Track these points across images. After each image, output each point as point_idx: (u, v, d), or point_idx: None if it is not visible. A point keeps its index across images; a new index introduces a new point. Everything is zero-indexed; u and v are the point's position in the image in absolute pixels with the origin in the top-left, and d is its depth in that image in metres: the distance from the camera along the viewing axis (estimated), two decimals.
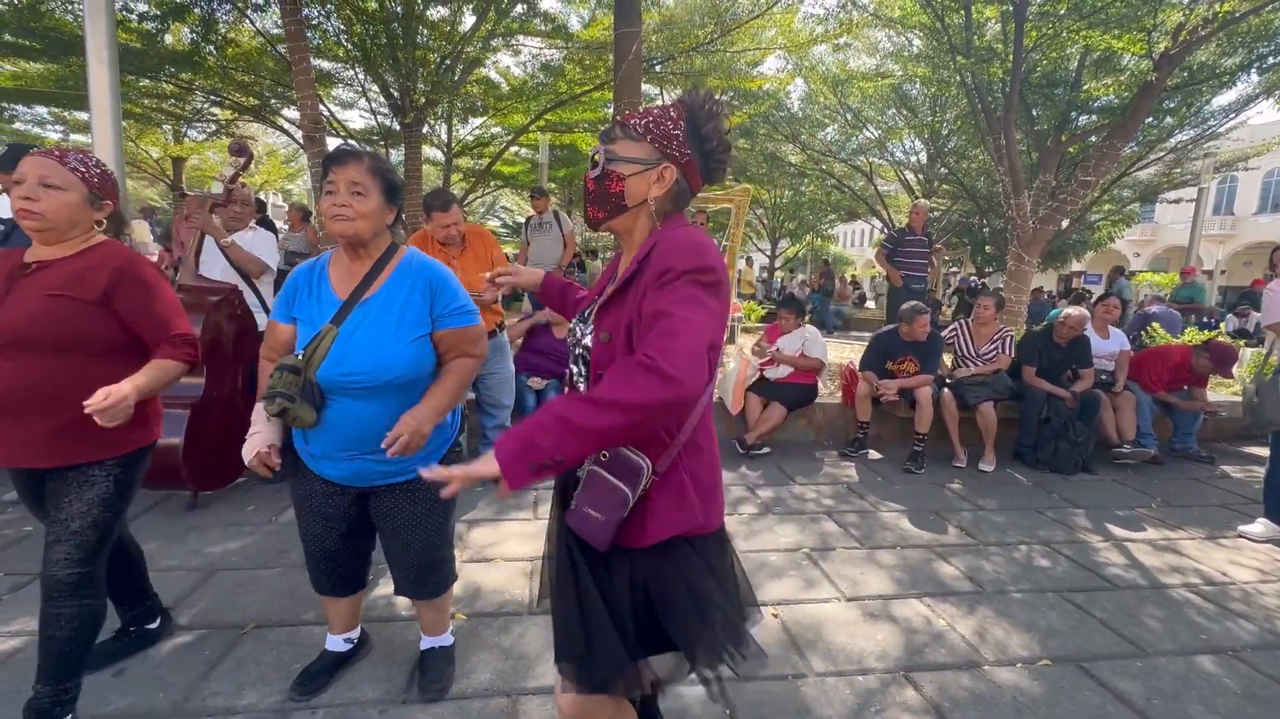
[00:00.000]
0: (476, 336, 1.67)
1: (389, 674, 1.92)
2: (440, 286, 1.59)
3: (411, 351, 1.53)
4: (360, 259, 1.56)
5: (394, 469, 1.61)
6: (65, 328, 1.50)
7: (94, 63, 3.94)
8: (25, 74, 9.57)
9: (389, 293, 1.55)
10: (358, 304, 1.52)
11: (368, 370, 1.49)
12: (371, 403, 1.52)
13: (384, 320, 1.52)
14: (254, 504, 3.13)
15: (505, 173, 15.55)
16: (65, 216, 1.53)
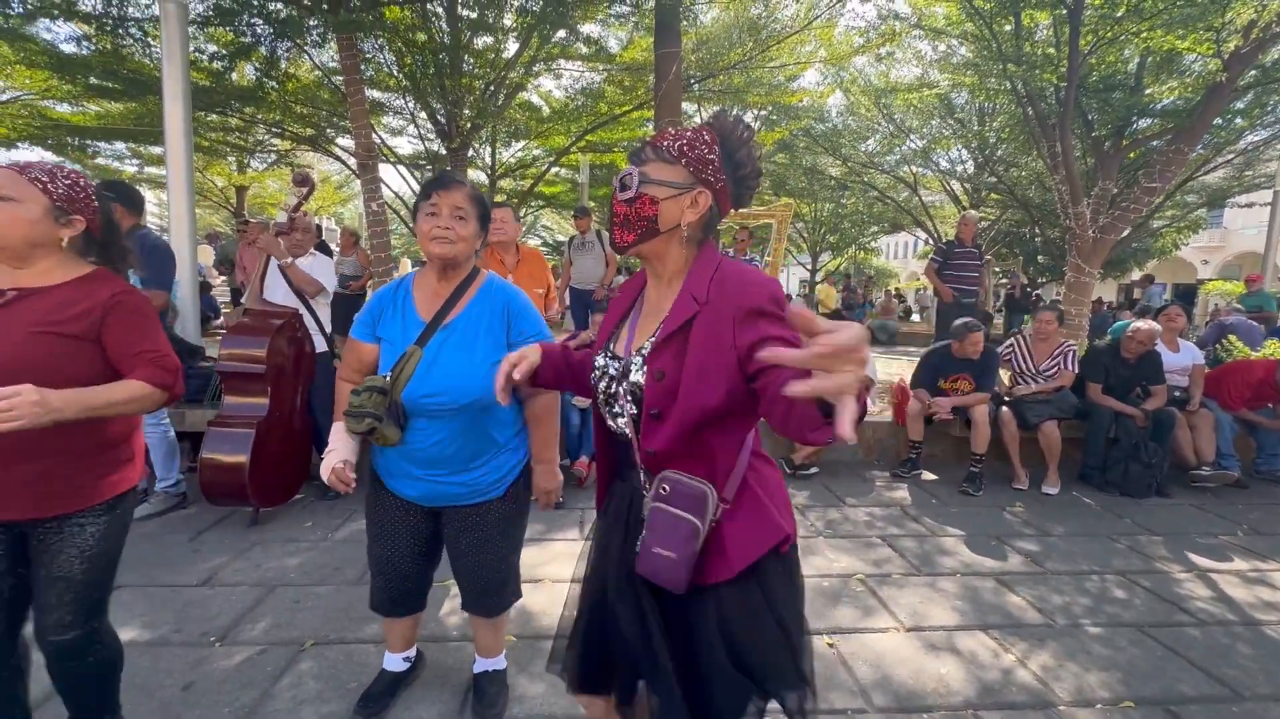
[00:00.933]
0: None
1: (443, 696, 1.93)
2: (519, 313, 1.62)
3: (489, 376, 1.53)
4: (447, 280, 1.60)
5: (468, 492, 1.64)
6: (43, 365, 1.28)
7: (169, 101, 4.21)
8: (108, 113, 10.30)
9: (471, 316, 1.58)
10: (441, 326, 1.56)
11: (450, 392, 1.52)
12: (450, 423, 1.56)
13: (466, 344, 1.55)
14: (310, 521, 3.22)
15: (547, 193, 15.84)
16: (18, 234, 1.31)
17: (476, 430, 1.60)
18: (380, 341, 1.63)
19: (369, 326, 1.65)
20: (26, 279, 1.36)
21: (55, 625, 1.38)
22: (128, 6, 6.36)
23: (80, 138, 11.08)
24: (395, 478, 1.67)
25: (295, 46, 7.95)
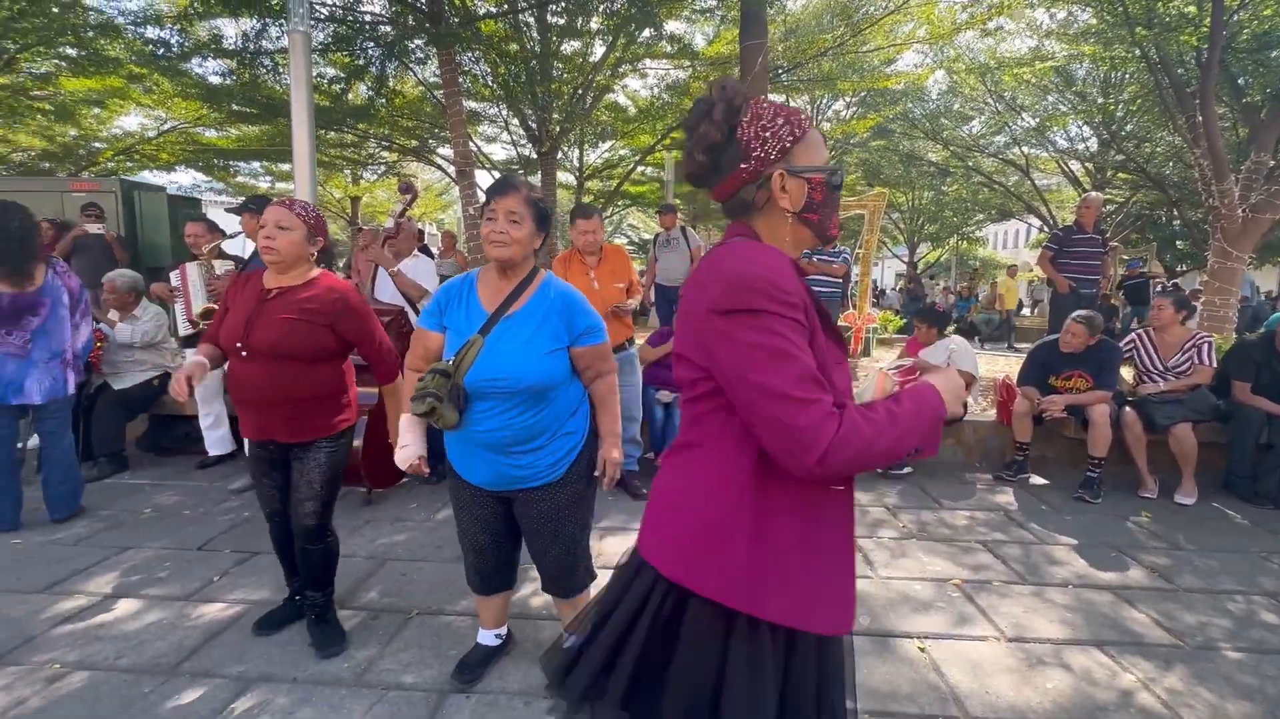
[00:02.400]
0: (606, 353, 1.82)
1: (531, 670, 2.04)
2: (576, 309, 1.73)
3: (547, 363, 1.67)
4: (508, 278, 1.72)
5: (527, 474, 1.73)
6: (300, 342, 1.94)
7: (296, 122, 4.67)
8: (245, 136, 11.58)
9: (530, 310, 1.70)
10: (503, 317, 1.68)
11: (508, 377, 1.62)
12: (508, 406, 1.66)
13: (525, 334, 1.66)
14: (415, 502, 3.48)
15: (632, 192, 16.07)
16: (291, 252, 1.96)
17: (535, 412, 1.69)
18: (445, 331, 1.76)
19: (436, 316, 1.78)
20: (284, 281, 2.00)
21: (304, 514, 2.05)
22: (263, 41, 7.10)
23: (224, 159, 12.49)
24: (463, 465, 1.79)
25: (402, 65, 8.55)
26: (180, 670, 2.02)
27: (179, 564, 2.76)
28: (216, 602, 2.44)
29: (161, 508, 3.42)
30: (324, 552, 2.14)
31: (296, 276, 2.01)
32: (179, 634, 2.22)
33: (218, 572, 2.69)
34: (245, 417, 2.05)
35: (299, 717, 1.82)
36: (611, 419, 1.84)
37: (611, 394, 1.84)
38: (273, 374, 1.94)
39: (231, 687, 1.94)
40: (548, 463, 1.73)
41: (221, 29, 8.26)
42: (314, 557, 2.13)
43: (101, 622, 2.30)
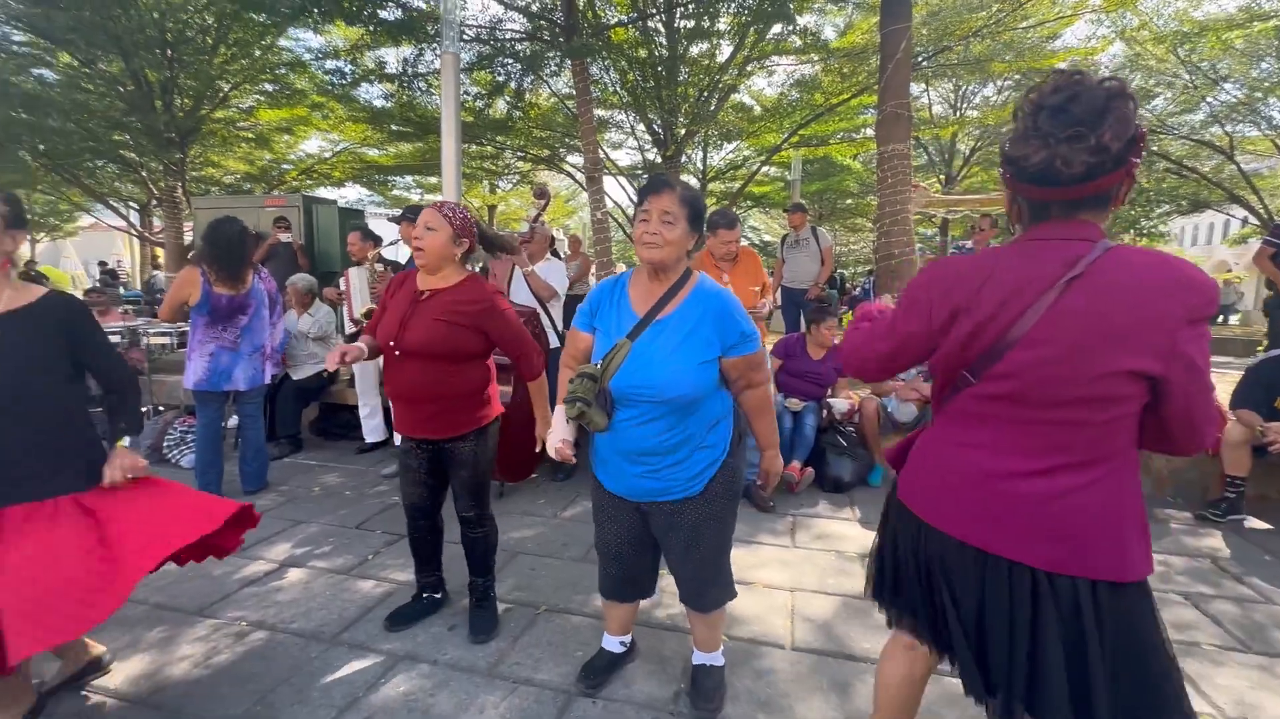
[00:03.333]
0: (761, 361, 1.70)
1: (658, 681, 1.99)
2: (730, 315, 1.62)
3: (697, 374, 1.58)
4: (660, 280, 1.65)
5: (663, 488, 1.67)
6: (449, 342, 2.00)
7: (445, 138, 5.03)
8: (401, 153, 12.82)
9: (682, 315, 1.62)
10: (653, 322, 1.62)
11: (655, 385, 1.56)
12: (653, 414, 1.61)
13: (675, 340, 1.59)
14: (544, 498, 3.59)
15: (756, 193, 15.75)
16: (438, 252, 2.01)
17: (679, 425, 1.62)
18: (596, 332, 1.74)
19: (587, 317, 1.76)
20: (434, 283, 2.06)
21: (463, 506, 2.17)
22: (419, 65, 7.79)
23: (383, 174, 13.90)
24: (604, 471, 1.77)
25: (538, 78, 9.00)
26: (339, 640, 2.21)
27: (340, 540, 3.04)
28: (369, 579, 2.66)
29: (327, 487, 3.82)
30: (484, 539, 2.24)
31: (445, 278, 2.07)
32: (339, 606, 2.43)
33: (371, 550, 2.93)
34: (399, 413, 2.15)
35: (438, 699, 1.90)
36: (769, 429, 1.78)
37: (767, 405, 1.75)
38: (423, 373, 2.02)
39: (381, 661, 2.09)
40: (686, 476, 1.66)
41: (384, 57, 9.18)
42: (475, 544, 2.24)
43: (277, 587, 2.59)
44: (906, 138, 5.83)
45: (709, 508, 1.70)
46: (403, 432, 2.16)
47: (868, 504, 3.57)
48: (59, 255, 23.38)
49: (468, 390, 2.10)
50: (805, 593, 2.56)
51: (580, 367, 1.66)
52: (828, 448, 3.81)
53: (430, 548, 2.33)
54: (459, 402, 2.09)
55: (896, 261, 5.74)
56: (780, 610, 2.43)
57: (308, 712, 1.84)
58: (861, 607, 2.44)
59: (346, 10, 6.07)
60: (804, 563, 2.83)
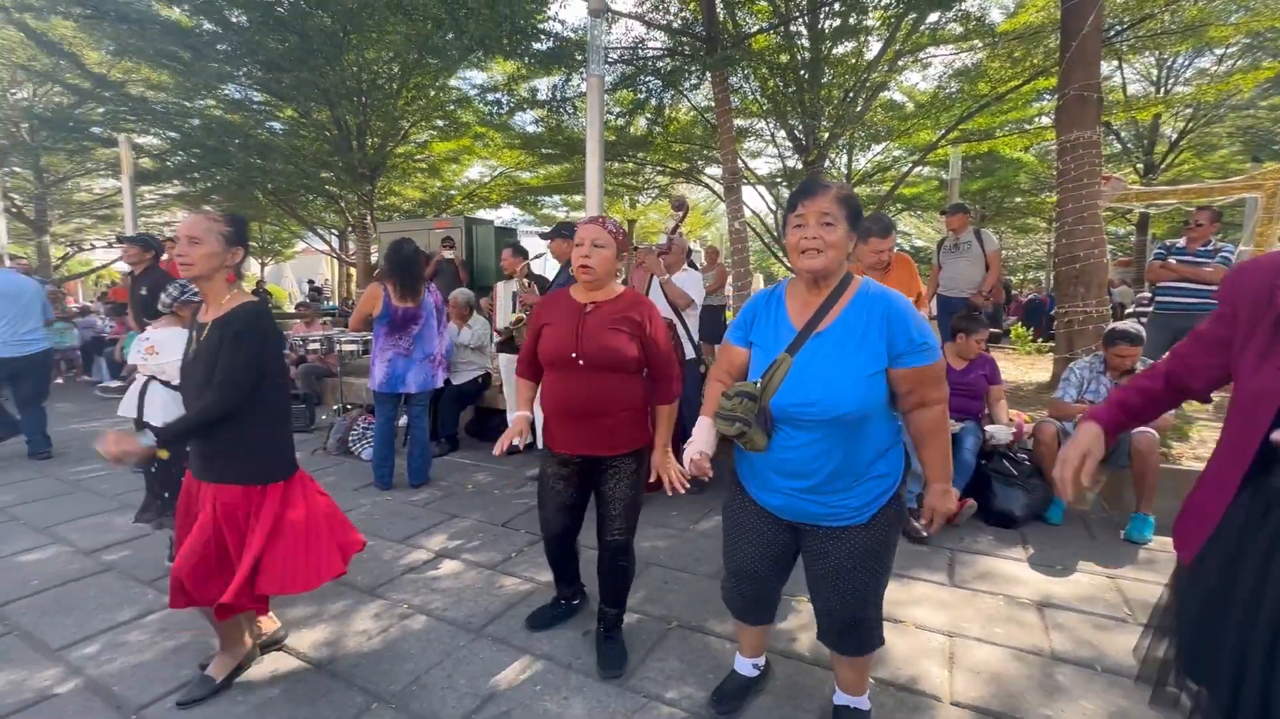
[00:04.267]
0: (938, 376, 1.52)
1: (793, 711, 1.86)
2: (900, 320, 1.48)
3: (863, 389, 1.46)
4: (819, 290, 1.55)
5: (827, 513, 1.56)
6: (626, 350, 1.98)
7: (590, 157, 5.25)
8: (549, 174, 13.68)
9: (845, 325, 1.50)
10: (813, 335, 1.52)
11: (819, 403, 1.46)
12: (817, 435, 1.50)
13: (838, 354, 1.48)
14: (676, 510, 3.57)
15: (907, 195, 14.65)
16: (605, 269, 2.01)
17: (846, 446, 1.50)
18: (752, 346, 1.65)
19: (742, 330, 1.68)
20: (596, 297, 2.05)
21: (614, 530, 2.09)
22: (567, 90, 8.27)
23: (533, 195, 14.93)
24: (756, 485, 1.67)
25: (677, 93, 9.14)
26: (485, 633, 2.34)
27: (488, 536, 3.25)
28: (514, 576, 2.80)
29: (479, 485, 4.12)
30: (626, 569, 2.16)
31: (607, 291, 2.05)
32: (485, 599, 2.59)
33: (515, 548, 3.09)
34: (561, 431, 2.05)
35: (572, 703, 1.94)
36: (942, 459, 1.56)
37: (941, 428, 1.54)
38: (599, 386, 1.98)
39: (517, 658, 2.18)
40: (854, 505, 1.53)
41: (536, 85, 9.88)
42: (618, 574, 2.15)
43: (434, 576, 2.82)
44: (1094, 124, 5.06)
45: (873, 538, 1.55)
46: (564, 449, 2.07)
47: (1043, 543, 3.10)
48: (280, 276, 28.03)
49: (636, 405, 2.05)
50: (966, 640, 2.27)
51: (737, 384, 1.58)
52: (993, 476, 3.38)
53: (570, 566, 2.37)
54: (627, 416, 2.03)
55: (1081, 265, 4.98)
56: (935, 656, 2.17)
57: (455, 698, 1.97)
58: (1039, 664, 2.11)
59: (505, 47, 6.61)
60: (964, 605, 2.52)
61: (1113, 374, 3.39)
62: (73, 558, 2.99)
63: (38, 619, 2.43)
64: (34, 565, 2.91)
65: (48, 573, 2.82)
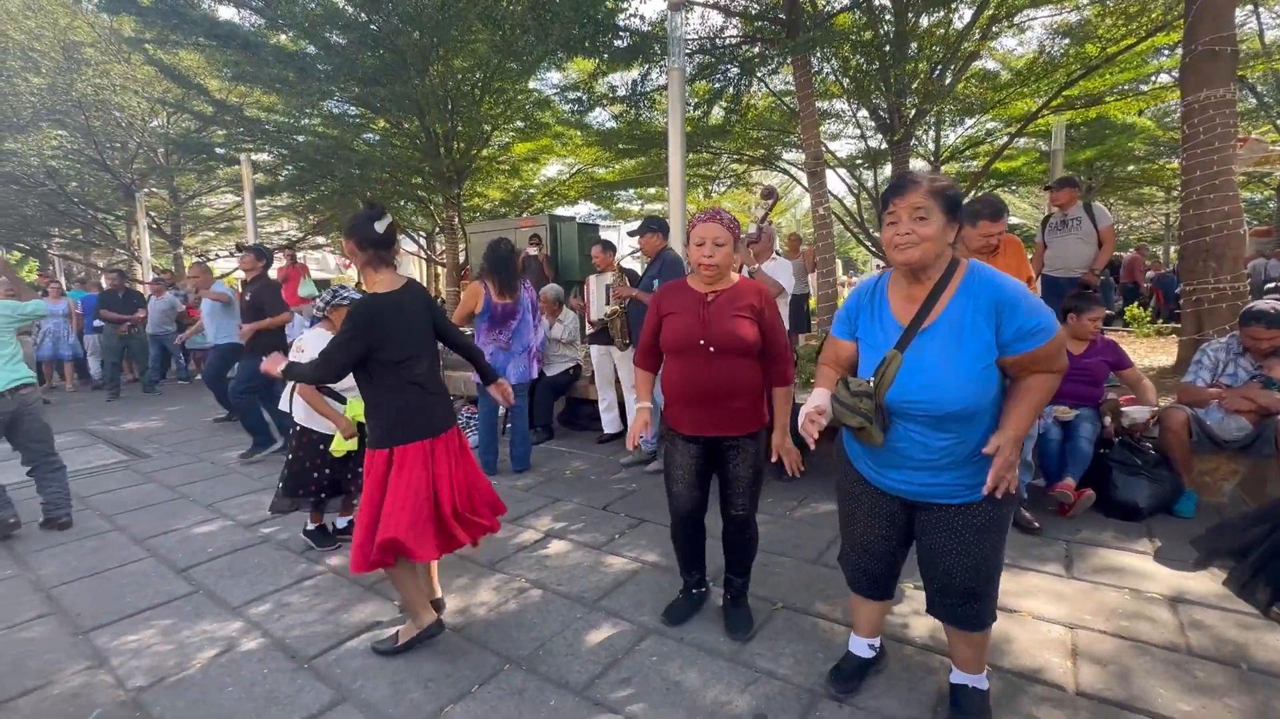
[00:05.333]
0: (1055, 353, 1.49)
1: (908, 698, 1.88)
2: (1009, 307, 1.47)
3: (975, 385, 1.47)
4: (920, 283, 1.56)
5: (944, 491, 1.58)
6: (750, 334, 2.06)
7: (672, 150, 5.30)
8: (624, 169, 13.85)
9: (951, 318, 1.51)
10: (920, 331, 1.54)
11: (929, 400, 1.49)
12: (931, 429, 1.53)
13: (946, 350, 1.50)
14: (771, 497, 3.60)
15: (1002, 170, 13.73)
16: (727, 263, 2.10)
17: (958, 434, 1.52)
18: (859, 342, 1.69)
19: (846, 325, 1.73)
20: (718, 286, 2.14)
21: (737, 505, 2.19)
22: (646, 84, 8.36)
23: (609, 190, 15.17)
24: (868, 466, 1.71)
25: (755, 80, 9.02)
26: (599, 606, 2.49)
27: (591, 519, 3.42)
28: (619, 555, 2.95)
29: (577, 471, 4.32)
30: (750, 540, 2.26)
31: (727, 281, 2.14)
32: (596, 576, 2.75)
33: (618, 530, 3.24)
34: (688, 414, 2.14)
35: (687, 675, 2.04)
36: (1026, 413, 1.49)
37: (1042, 388, 1.50)
38: (726, 371, 2.05)
39: (634, 631, 2.31)
40: (970, 483, 1.56)
41: (613, 81, 10.03)
42: (743, 545, 2.26)
43: (545, 554, 3.01)
44: (1229, 80, 4.59)
45: (989, 513, 1.57)
46: (690, 431, 2.15)
47: (1172, 536, 2.91)
48: None
49: (756, 389, 2.13)
50: (1090, 632, 2.19)
51: (852, 381, 1.60)
52: (1114, 466, 3.19)
53: (696, 545, 2.37)
54: (750, 399, 2.11)
55: (1212, 238, 4.54)
56: (1056, 647, 2.11)
57: (579, 664, 2.12)
58: (1175, 660, 2.01)
59: (587, 47, 6.77)
60: (1085, 598, 2.42)
61: (1253, 357, 3.11)
62: (235, 530, 3.42)
63: (216, 581, 2.82)
64: (207, 536, 3.35)
65: (219, 543, 3.24)
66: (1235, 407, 3.04)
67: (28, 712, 1.97)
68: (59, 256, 18.17)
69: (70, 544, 3.30)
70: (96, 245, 17.59)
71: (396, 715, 1.89)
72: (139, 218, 12.57)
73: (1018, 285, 1.50)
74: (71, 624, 2.49)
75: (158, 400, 7.97)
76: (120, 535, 3.40)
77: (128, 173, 13.95)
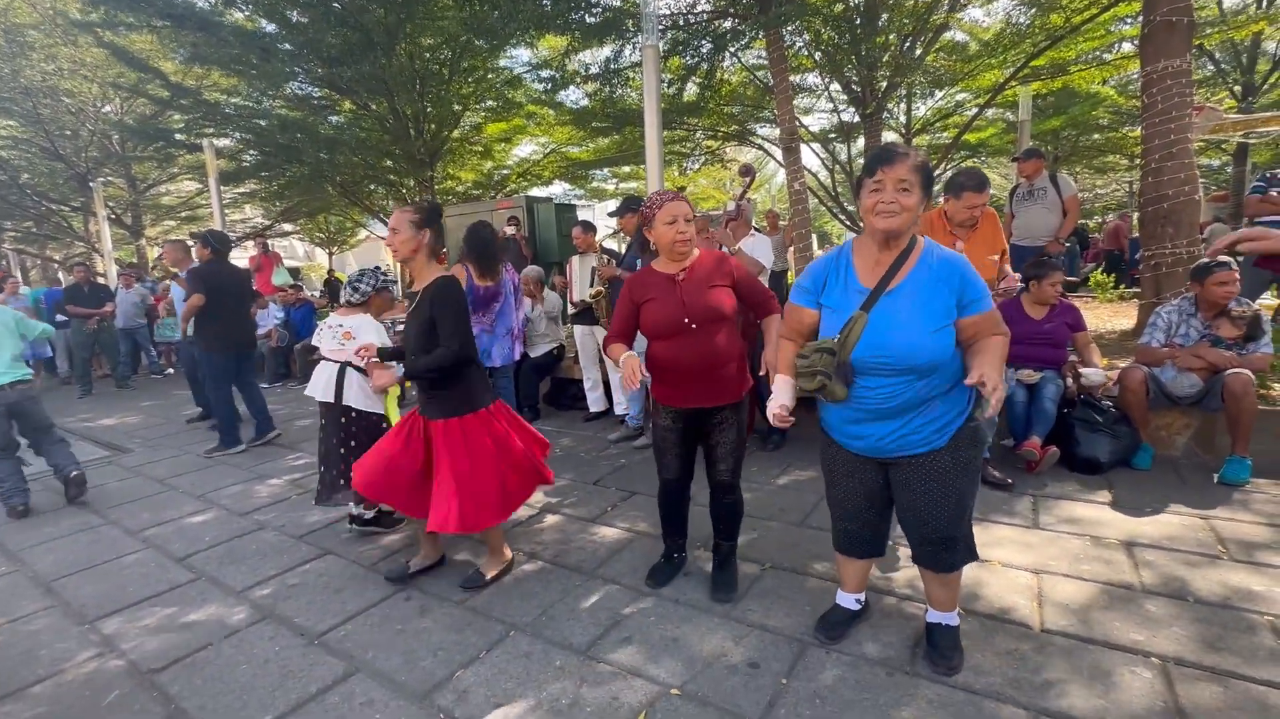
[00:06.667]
0: (996, 319, 1.69)
1: (889, 641, 2.03)
2: (964, 278, 1.64)
3: (936, 340, 1.62)
4: (889, 249, 1.70)
5: (910, 441, 1.71)
6: (726, 303, 2.16)
7: (649, 129, 5.26)
8: (599, 148, 13.74)
9: (914, 283, 1.66)
10: (885, 293, 1.67)
11: (896, 354, 1.62)
12: (894, 381, 1.66)
13: (911, 308, 1.63)
14: (755, 466, 3.74)
15: (971, 142, 13.93)
16: (694, 237, 2.19)
17: (920, 385, 1.66)
18: (821, 308, 1.79)
19: (811, 294, 1.82)
20: (683, 264, 2.22)
21: (721, 471, 2.30)
22: (619, 61, 8.29)
23: (583, 169, 15.03)
24: (841, 433, 1.84)
25: (728, 55, 9.00)
26: (596, 574, 2.60)
27: (582, 493, 3.52)
28: (613, 526, 3.06)
29: (565, 449, 4.40)
30: (735, 504, 2.37)
31: (690, 257, 2.23)
32: (591, 547, 2.85)
33: (610, 503, 3.35)
34: (679, 389, 2.21)
35: (684, 630, 2.17)
36: (994, 358, 1.59)
37: (998, 345, 1.64)
38: (712, 343, 2.14)
39: (629, 595, 2.42)
40: (933, 429, 1.70)
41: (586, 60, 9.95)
42: (728, 509, 2.37)
43: (540, 528, 3.11)
44: (1185, 50, 4.75)
45: (958, 456, 1.72)
46: (675, 404, 2.24)
47: (1129, 487, 3.11)
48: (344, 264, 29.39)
49: (740, 352, 2.24)
50: (1054, 576, 2.37)
51: (813, 343, 1.74)
52: (1077, 424, 3.38)
53: (681, 512, 2.51)
54: (736, 364, 2.21)
55: (1170, 204, 4.74)
56: (1023, 591, 2.28)
57: (581, 627, 2.23)
58: (1128, 597, 2.19)
59: (557, 24, 6.70)
60: (1049, 545, 2.60)
61: (1205, 314, 3.30)
62: (230, 519, 3.45)
63: (217, 568, 2.86)
64: (203, 525, 3.38)
65: (216, 531, 3.27)
66: (1188, 364, 3.23)
67: (45, 698, 2.02)
68: (12, 250, 17.48)
69: (64, 539, 3.30)
70: (52, 238, 16.95)
71: (410, 682, 1.98)
72: (97, 208, 12.13)
73: (966, 260, 1.68)
74: (76, 614, 2.52)
75: (131, 395, 7.83)
76: (113, 529, 3.41)
77: (81, 161, 13.43)
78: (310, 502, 3.60)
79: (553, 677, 1.97)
